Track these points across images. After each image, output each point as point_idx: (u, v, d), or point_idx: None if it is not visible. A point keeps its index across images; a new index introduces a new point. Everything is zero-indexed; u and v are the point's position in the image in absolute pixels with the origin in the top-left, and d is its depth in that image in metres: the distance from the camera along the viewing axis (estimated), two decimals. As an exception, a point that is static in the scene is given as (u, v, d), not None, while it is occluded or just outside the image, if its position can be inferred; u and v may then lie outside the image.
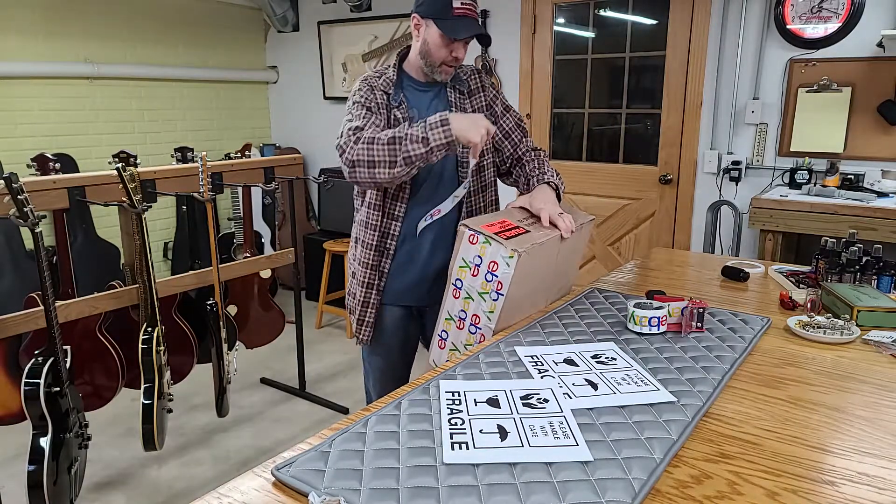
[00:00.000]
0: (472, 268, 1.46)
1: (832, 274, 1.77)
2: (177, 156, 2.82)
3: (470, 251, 1.46)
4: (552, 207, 1.65)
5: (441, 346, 1.57)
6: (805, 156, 3.12)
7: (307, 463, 0.96)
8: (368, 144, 1.61)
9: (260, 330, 2.99)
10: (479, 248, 1.44)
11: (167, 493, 2.46)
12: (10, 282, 3.22)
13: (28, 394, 1.91)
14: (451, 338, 1.54)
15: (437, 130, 1.58)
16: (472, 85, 1.87)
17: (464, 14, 1.68)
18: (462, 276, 1.48)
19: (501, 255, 1.41)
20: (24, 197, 1.82)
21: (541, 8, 3.81)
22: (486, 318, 1.46)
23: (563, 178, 1.90)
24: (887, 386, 1.24)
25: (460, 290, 1.49)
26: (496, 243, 1.43)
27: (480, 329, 1.48)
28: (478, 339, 1.50)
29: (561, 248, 1.61)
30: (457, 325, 1.52)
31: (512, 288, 1.43)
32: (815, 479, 0.94)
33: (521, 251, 1.41)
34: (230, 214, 4.66)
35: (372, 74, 1.81)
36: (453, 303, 1.52)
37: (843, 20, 2.95)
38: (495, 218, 1.58)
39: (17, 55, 3.57)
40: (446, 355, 1.57)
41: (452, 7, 1.68)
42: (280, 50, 4.97)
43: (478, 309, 1.47)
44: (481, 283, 1.45)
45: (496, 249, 1.42)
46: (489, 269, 1.43)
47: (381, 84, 1.77)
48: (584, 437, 1.02)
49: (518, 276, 1.43)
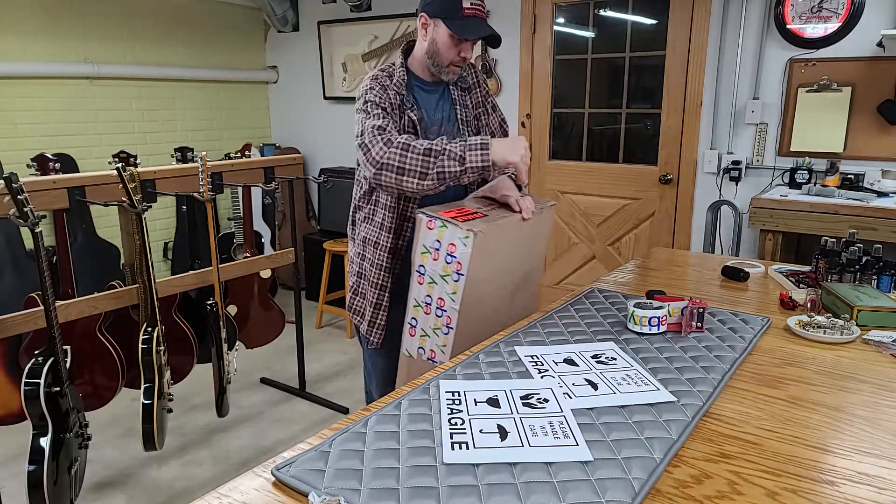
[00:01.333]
0: (432, 252, 1.51)
1: (832, 274, 1.77)
2: (177, 156, 2.82)
3: (429, 237, 1.51)
4: (514, 192, 1.70)
5: (412, 333, 1.61)
6: (805, 155, 3.12)
7: (307, 463, 0.96)
8: (402, 150, 1.55)
9: (260, 330, 2.99)
10: (437, 232, 1.49)
11: (167, 493, 2.46)
12: (10, 282, 3.22)
13: (28, 394, 1.91)
14: (420, 324, 1.58)
15: (475, 153, 1.54)
16: (470, 80, 1.88)
17: (473, 14, 1.68)
18: (424, 261, 1.53)
19: (458, 236, 1.46)
20: (24, 197, 1.82)
21: (541, 8, 3.81)
22: (451, 300, 1.50)
23: (563, 178, 1.92)
24: (887, 386, 1.24)
25: (424, 275, 1.54)
26: (452, 226, 1.48)
27: (446, 311, 1.52)
28: (444, 322, 1.53)
29: (523, 231, 1.66)
30: (424, 311, 1.56)
31: (471, 268, 1.47)
32: (815, 478, 0.94)
33: (476, 230, 1.46)
34: (230, 214, 4.66)
35: (380, 74, 1.77)
36: (419, 289, 1.56)
37: (843, 20, 2.95)
38: (453, 206, 1.62)
39: (17, 55, 3.57)
40: (417, 342, 1.59)
41: (462, 7, 1.67)
42: (280, 50, 4.97)
43: (442, 292, 1.51)
44: (442, 266, 1.50)
45: (453, 232, 1.47)
46: (448, 252, 1.48)
47: (394, 85, 1.75)
48: (584, 437, 1.02)
49: (476, 256, 1.47)
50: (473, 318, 1.57)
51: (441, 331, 1.53)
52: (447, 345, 1.54)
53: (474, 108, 1.89)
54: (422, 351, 1.59)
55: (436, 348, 1.56)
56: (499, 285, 1.65)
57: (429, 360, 1.58)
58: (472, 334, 1.56)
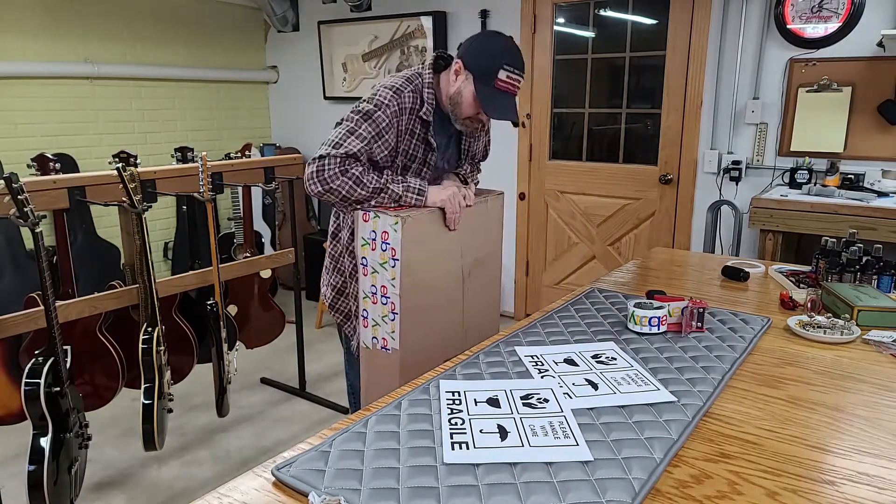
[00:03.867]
0: (370, 243, 1.61)
1: (832, 274, 1.77)
2: (177, 156, 2.82)
3: (365, 228, 1.61)
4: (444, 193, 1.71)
5: (365, 325, 1.67)
6: (805, 155, 3.12)
7: (307, 463, 0.96)
8: (354, 183, 1.62)
9: (260, 330, 2.99)
10: (372, 223, 1.60)
11: (167, 493, 2.46)
12: (10, 282, 3.22)
13: (28, 394, 1.90)
14: (370, 314, 1.64)
15: (411, 196, 1.66)
16: None
17: (506, 90, 1.62)
18: (365, 252, 1.62)
19: (389, 223, 1.57)
20: (24, 197, 1.82)
21: (541, 8, 3.81)
22: (391, 286, 1.59)
23: (563, 178, 1.95)
24: (887, 386, 1.24)
25: (366, 266, 1.62)
26: (384, 215, 1.58)
27: (390, 298, 1.60)
28: (390, 309, 1.60)
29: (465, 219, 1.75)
30: (371, 301, 1.63)
31: (404, 252, 1.56)
32: (815, 478, 0.94)
33: (404, 216, 1.56)
34: (230, 214, 4.66)
35: (407, 89, 1.68)
36: (364, 280, 1.64)
37: (844, 20, 2.95)
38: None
39: (17, 55, 3.57)
40: (371, 332, 1.65)
41: (497, 78, 1.61)
42: (280, 50, 4.97)
43: (383, 279, 1.60)
44: (380, 254, 1.60)
45: (385, 220, 1.58)
46: (383, 240, 1.58)
47: (424, 113, 1.68)
48: (585, 436, 1.02)
49: (407, 240, 1.57)
50: (420, 302, 1.65)
51: (388, 317, 1.61)
52: (395, 331, 1.60)
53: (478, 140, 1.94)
54: (375, 340, 1.65)
55: (386, 336, 1.62)
56: (444, 270, 1.72)
57: (382, 348, 1.64)
58: (421, 318, 1.65)
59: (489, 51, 1.63)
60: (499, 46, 1.63)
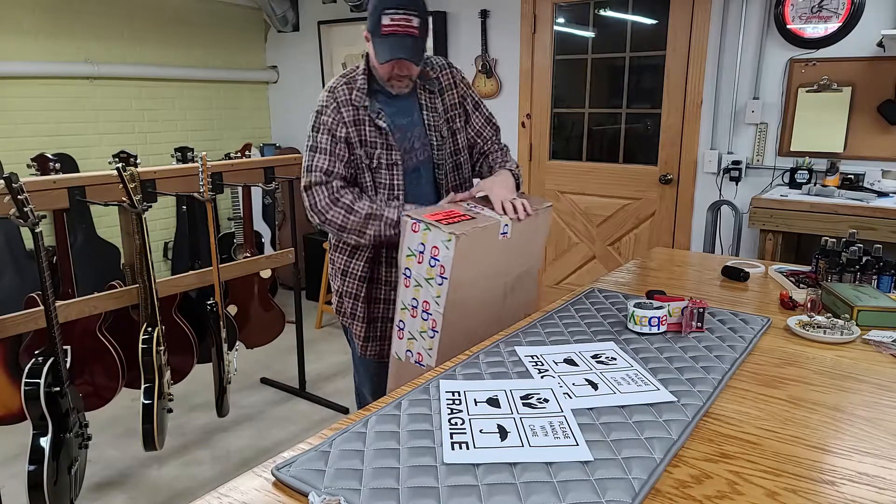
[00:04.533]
0: (416, 255, 1.52)
1: (832, 274, 1.77)
2: (177, 156, 2.82)
3: (413, 239, 1.52)
4: (505, 193, 1.68)
5: (400, 336, 1.61)
6: (805, 155, 3.12)
7: (307, 463, 0.96)
8: (346, 213, 1.65)
9: (260, 330, 2.99)
10: (422, 235, 1.50)
11: (167, 493, 2.46)
12: (10, 282, 3.22)
13: (28, 394, 1.91)
14: (407, 326, 1.59)
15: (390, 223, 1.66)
16: (444, 81, 1.82)
17: (392, 32, 1.58)
18: (409, 264, 1.54)
19: (441, 239, 1.47)
20: (24, 197, 1.82)
21: (541, 8, 3.81)
22: (435, 304, 1.51)
23: (563, 178, 1.92)
24: (887, 386, 1.24)
25: (409, 278, 1.55)
26: (436, 229, 1.49)
27: (431, 315, 1.53)
28: (430, 325, 1.54)
29: (514, 233, 1.64)
30: (411, 314, 1.57)
31: (454, 271, 1.48)
32: (816, 478, 0.94)
33: (459, 234, 1.46)
34: (230, 214, 4.66)
35: (340, 84, 1.72)
36: (405, 292, 1.57)
37: (843, 20, 2.95)
38: (440, 208, 1.63)
39: (17, 55, 3.57)
40: (406, 344, 1.60)
41: (382, 26, 1.58)
42: (280, 50, 4.97)
43: (427, 295, 1.52)
44: (426, 269, 1.51)
45: (436, 235, 1.48)
46: (432, 255, 1.49)
47: (355, 98, 1.70)
48: (585, 436, 1.02)
49: (459, 259, 1.48)
50: (461, 321, 1.58)
51: (427, 334, 1.54)
52: (433, 348, 1.55)
53: (446, 112, 1.82)
54: (409, 354, 1.60)
55: (423, 351, 1.56)
56: (487, 288, 1.64)
57: (416, 363, 1.59)
58: (460, 337, 1.58)
59: (373, 4, 1.62)
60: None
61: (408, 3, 1.57)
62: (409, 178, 1.78)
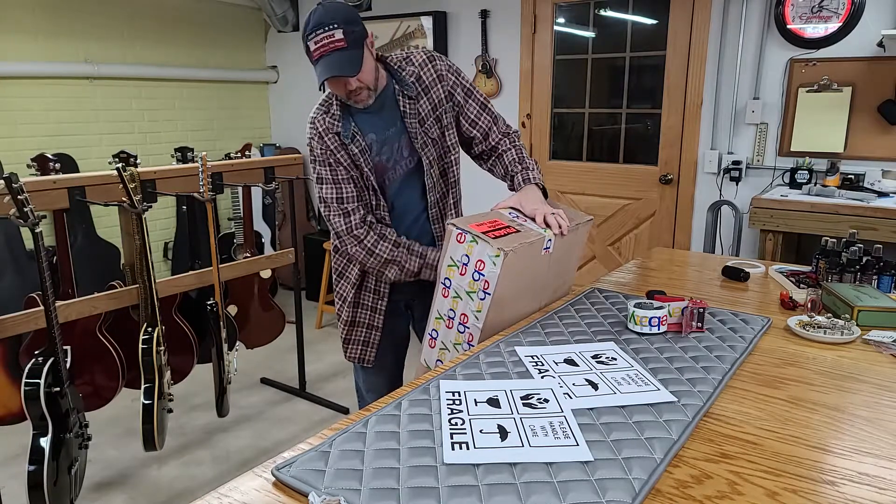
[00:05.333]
0: (459, 267, 1.47)
1: (832, 274, 1.77)
2: (177, 156, 2.82)
3: (458, 250, 1.47)
4: (545, 208, 1.63)
5: (432, 345, 1.58)
6: (805, 155, 3.12)
7: (307, 463, 0.96)
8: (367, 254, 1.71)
9: (260, 330, 2.99)
10: (467, 246, 1.45)
11: (167, 493, 2.46)
12: (10, 282, 3.22)
13: (28, 394, 1.90)
14: (441, 336, 1.55)
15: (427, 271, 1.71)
16: (427, 79, 1.73)
17: (320, 55, 1.55)
18: (451, 274, 1.49)
19: (488, 253, 1.41)
20: (24, 197, 1.82)
21: (541, 8, 3.81)
22: (474, 318, 1.46)
23: (564, 178, 1.90)
24: (887, 386, 1.24)
25: (449, 288, 1.50)
26: (483, 242, 1.43)
27: (469, 328, 1.48)
28: (466, 339, 1.50)
29: (555, 249, 1.60)
30: (446, 325, 1.52)
31: (499, 287, 1.43)
32: (816, 479, 0.94)
33: (507, 250, 1.40)
34: (230, 214, 4.66)
35: (319, 114, 1.71)
36: (442, 302, 1.52)
37: (844, 20, 2.95)
38: (485, 217, 1.56)
39: (17, 55, 3.57)
40: (437, 354, 1.56)
41: (310, 51, 1.57)
42: (280, 50, 4.97)
43: (466, 308, 1.48)
44: (469, 282, 1.46)
45: (483, 248, 1.42)
46: (476, 269, 1.44)
47: (329, 124, 1.69)
48: (585, 437, 1.02)
49: (505, 276, 1.42)
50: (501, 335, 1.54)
51: (462, 346, 1.49)
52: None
53: (434, 110, 1.74)
54: (440, 363, 1.55)
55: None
56: (525, 302, 1.60)
57: None
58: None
59: (301, 34, 1.61)
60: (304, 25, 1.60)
61: (326, 20, 1.54)
62: (400, 186, 1.77)
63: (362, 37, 1.59)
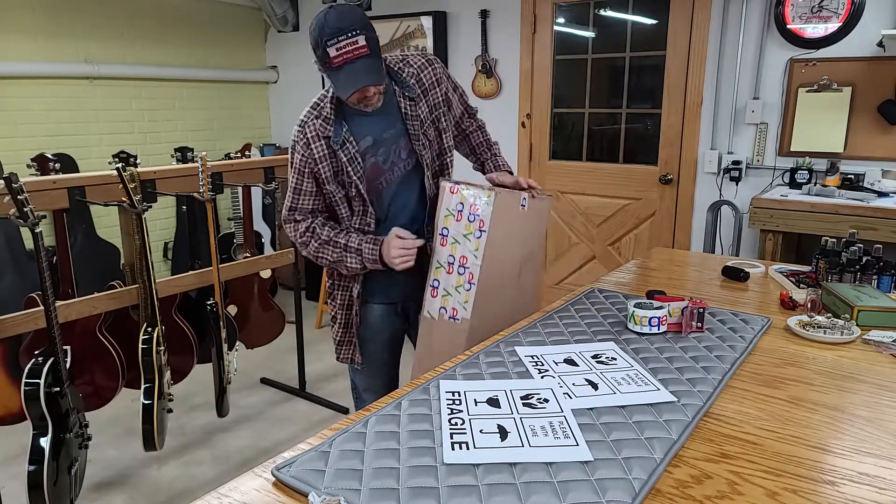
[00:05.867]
0: (455, 214, 1.64)
1: (832, 274, 1.77)
2: (177, 156, 2.82)
3: (452, 200, 1.64)
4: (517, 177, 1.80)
5: (433, 294, 1.68)
6: (805, 155, 3.12)
7: (307, 463, 0.96)
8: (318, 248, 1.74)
9: (260, 330, 2.99)
10: (460, 196, 1.63)
11: (167, 493, 2.46)
12: (10, 282, 3.22)
13: (28, 394, 1.90)
14: (442, 284, 1.67)
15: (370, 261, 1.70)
16: (427, 81, 1.72)
17: (343, 62, 1.49)
18: (447, 223, 1.65)
19: (481, 196, 1.61)
20: (24, 197, 1.82)
21: (541, 8, 3.81)
22: (473, 257, 1.62)
23: (563, 178, 1.95)
24: (887, 386, 1.24)
25: (447, 237, 1.65)
26: (475, 188, 1.63)
27: (468, 268, 1.63)
28: (467, 279, 1.63)
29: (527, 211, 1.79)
30: (446, 271, 1.66)
31: (492, 225, 1.60)
32: (816, 478, 0.94)
33: (497, 191, 1.61)
34: (230, 214, 4.66)
35: (311, 118, 1.66)
36: (441, 251, 1.67)
37: (844, 20, 2.95)
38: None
39: (17, 55, 3.57)
40: (439, 302, 1.67)
41: (330, 57, 1.49)
42: (280, 50, 4.97)
43: (464, 250, 1.63)
44: (465, 224, 1.63)
45: (476, 193, 1.62)
46: (471, 211, 1.62)
47: (319, 128, 1.64)
48: (585, 437, 1.02)
49: (497, 215, 1.61)
50: (493, 279, 1.68)
51: (463, 287, 1.63)
52: (469, 301, 1.63)
53: (431, 112, 1.73)
54: (444, 311, 1.67)
55: (458, 305, 1.64)
56: (511, 255, 1.75)
57: (451, 318, 1.65)
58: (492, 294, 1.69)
59: (313, 37, 1.54)
60: (316, 27, 1.53)
61: (347, 25, 1.48)
62: (396, 189, 1.76)
63: (377, 42, 1.56)
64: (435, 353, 1.66)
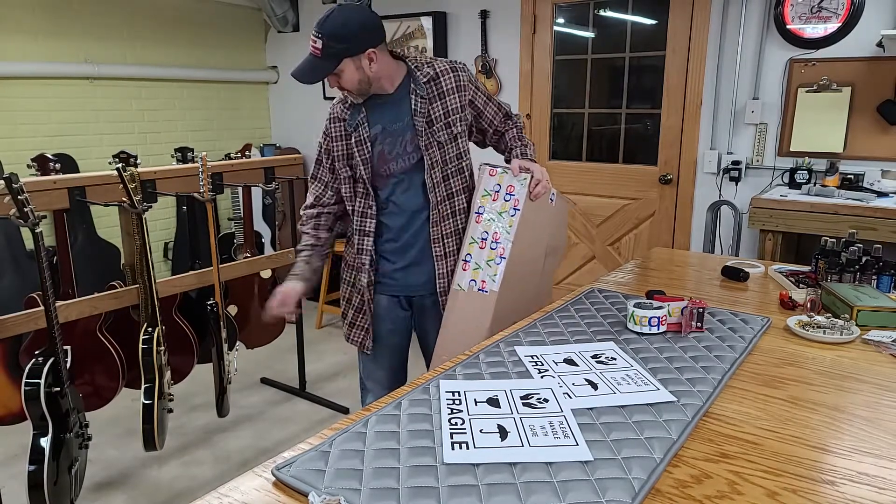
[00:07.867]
0: (492, 194, 1.80)
1: (832, 274, 1.77)
2: (177, 156, 2.82)
3: (490, 182, 1.81)
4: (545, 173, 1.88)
5: (465, 268, 1.80)
6: (805, 156, 3.12)
7: (307, 463, 0.96)
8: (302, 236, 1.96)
9: (260, 330, 2.99)
10: (498, 177, 1.81)
11: (167, 493, 2.46)
12: (10, 282, 3.22)
13: (28, 394, 1.91)
14: (474, 258, 1.79)
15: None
16: (447, 85, 1.79)
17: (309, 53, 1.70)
18: (484, 203, 1.81)
19: (518, 178, 1.79)
20: (24, 197, 1.83)
21: (541, 8, 3.81)
22: (506, 233, 1.77)
23: (563, 179, 1.97)
24: (887, 386, 1.24)
25: (482, 215, 1.80)
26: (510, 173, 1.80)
27: (500, 243, 1.77)
28: (498, 253, 1.77)
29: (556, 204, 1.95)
30: (479, 246, 1.80)
31: (526, 207, 1.77)
32: (816, 478, 0.94)
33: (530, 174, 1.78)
34: (230, 214, 4.66)
35: (337, 101, 1.85)
36: (476, 227, 1.80)
37: (843, 20, 2.95)
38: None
39: (17, 55, 3.57)
40: (470, 275, 1.79)
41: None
42: (280, 50, 4.97)
43: (497, 227, 1.78)
44: (500, 203, 1.79)
45: (511, 176, 1.80)
46: (507, 192, 1.79)
47: (340, 111, 1.83)
48: (584, 436, 1.02)
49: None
50: (522, 258, 1.81)
51: (494, 261, 1.77)
52: (498, 273, 1.76)
53: (447, 116, 1.79)
54: (473, 283, 1.79)
55: (487, 278, 1.77)
56: (538, 240, 1.89)
57: (479, 290, 1.77)
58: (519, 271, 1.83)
59: None
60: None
61: (320, 27, 1.66)
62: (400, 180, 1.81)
63: (342, 53, 1.67)
64: (461, 322, 1.77)
